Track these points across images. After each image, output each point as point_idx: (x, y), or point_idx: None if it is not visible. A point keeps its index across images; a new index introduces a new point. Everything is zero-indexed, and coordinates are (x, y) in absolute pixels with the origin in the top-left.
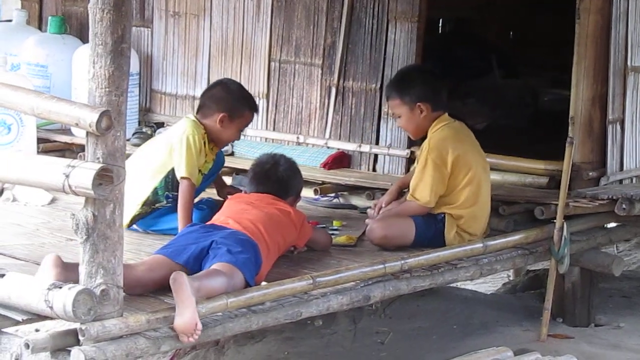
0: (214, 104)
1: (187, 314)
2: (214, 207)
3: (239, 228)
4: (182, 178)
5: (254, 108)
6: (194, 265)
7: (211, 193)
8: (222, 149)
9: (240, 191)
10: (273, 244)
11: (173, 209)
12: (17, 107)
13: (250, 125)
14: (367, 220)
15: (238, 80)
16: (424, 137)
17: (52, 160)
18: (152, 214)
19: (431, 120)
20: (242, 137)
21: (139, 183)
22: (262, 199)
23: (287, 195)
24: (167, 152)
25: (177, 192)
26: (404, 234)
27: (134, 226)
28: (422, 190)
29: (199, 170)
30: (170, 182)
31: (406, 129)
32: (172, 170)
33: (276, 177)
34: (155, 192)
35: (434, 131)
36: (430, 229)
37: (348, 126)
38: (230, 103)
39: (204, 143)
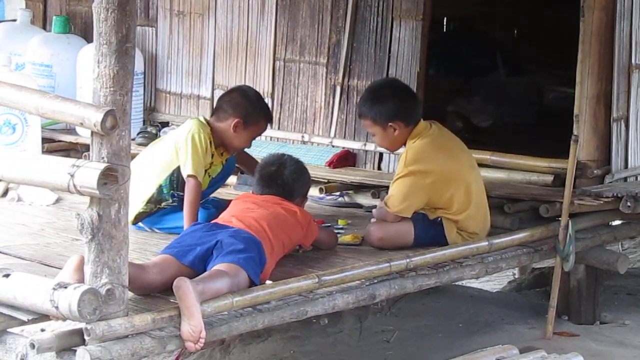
0: (231, 109)
1: (193, 322)
2: (220, 206)
3: (242, 226)
4: (189, 176)
5: (269, 119)
6: (199, 266)
7: (217, 193)
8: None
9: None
10: (277, 242)
11: (179, 208)
12: (22, 107)
13: None
14: (372, 220)
15: (243, 80)
16: None
17: (57, 160)
18: (158, 212)
19: (406, 134)
20: None
21: (144, 181)
22: (268, 199)
23: (293, 197)
24: (173, 151)
25: (183, 191)
26: (401, 235)
27: (140, 224)
28: (395, 200)
29: (207, 173)
30: (176, 180)
31: (381, 146)
32: (178, 169)
33: (282, 179)
34: (160, 190)
35: (412, 143)
36: (430, 231)
37: (353, 125)
38: (246, 110)
39: (210, 143)
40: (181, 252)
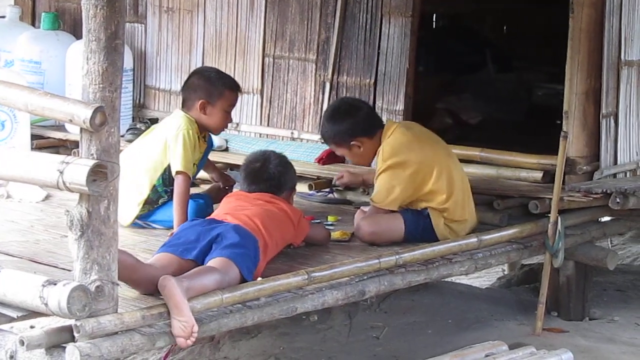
0: (192, 93)
1: (183, 319)
2: (209, 200)
3: (239, 223)
4: (178, 173)
5: (234, 86)
6: (201, 260)
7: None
8: (214, 136)
9: (229, 177)
10: (271, 240)
11: (171, 201)
12: (11, 104)
13: (244, 121)
14: (356, 216)
15: (232, 76)
16: None
17: (46, 157)
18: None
19: (372, 145)
20: (236, 132)
21: (137, 182)
22: (259, 197)
23: (280, 192)
24: (162, 150)
25: (173, 186)
26: (392, 229)
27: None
28: (380, 195)
29: (195, 164)
30: (167, 178)
31: (357, 164)
32: (169, 166)
33: (267, 175)
34: (155, 190)
35: (386, 139)
36: (418, 225)
37: None
38: (205, 88)
39: (198, 137)
40: (182, 249)
